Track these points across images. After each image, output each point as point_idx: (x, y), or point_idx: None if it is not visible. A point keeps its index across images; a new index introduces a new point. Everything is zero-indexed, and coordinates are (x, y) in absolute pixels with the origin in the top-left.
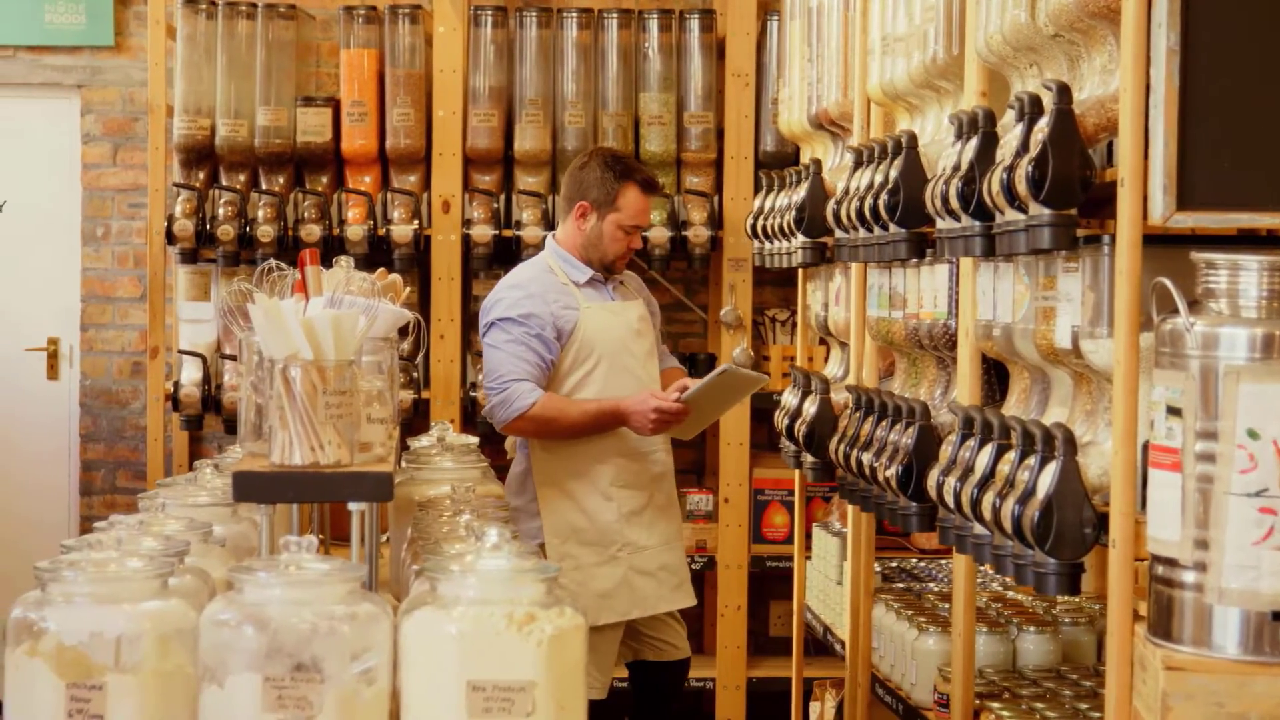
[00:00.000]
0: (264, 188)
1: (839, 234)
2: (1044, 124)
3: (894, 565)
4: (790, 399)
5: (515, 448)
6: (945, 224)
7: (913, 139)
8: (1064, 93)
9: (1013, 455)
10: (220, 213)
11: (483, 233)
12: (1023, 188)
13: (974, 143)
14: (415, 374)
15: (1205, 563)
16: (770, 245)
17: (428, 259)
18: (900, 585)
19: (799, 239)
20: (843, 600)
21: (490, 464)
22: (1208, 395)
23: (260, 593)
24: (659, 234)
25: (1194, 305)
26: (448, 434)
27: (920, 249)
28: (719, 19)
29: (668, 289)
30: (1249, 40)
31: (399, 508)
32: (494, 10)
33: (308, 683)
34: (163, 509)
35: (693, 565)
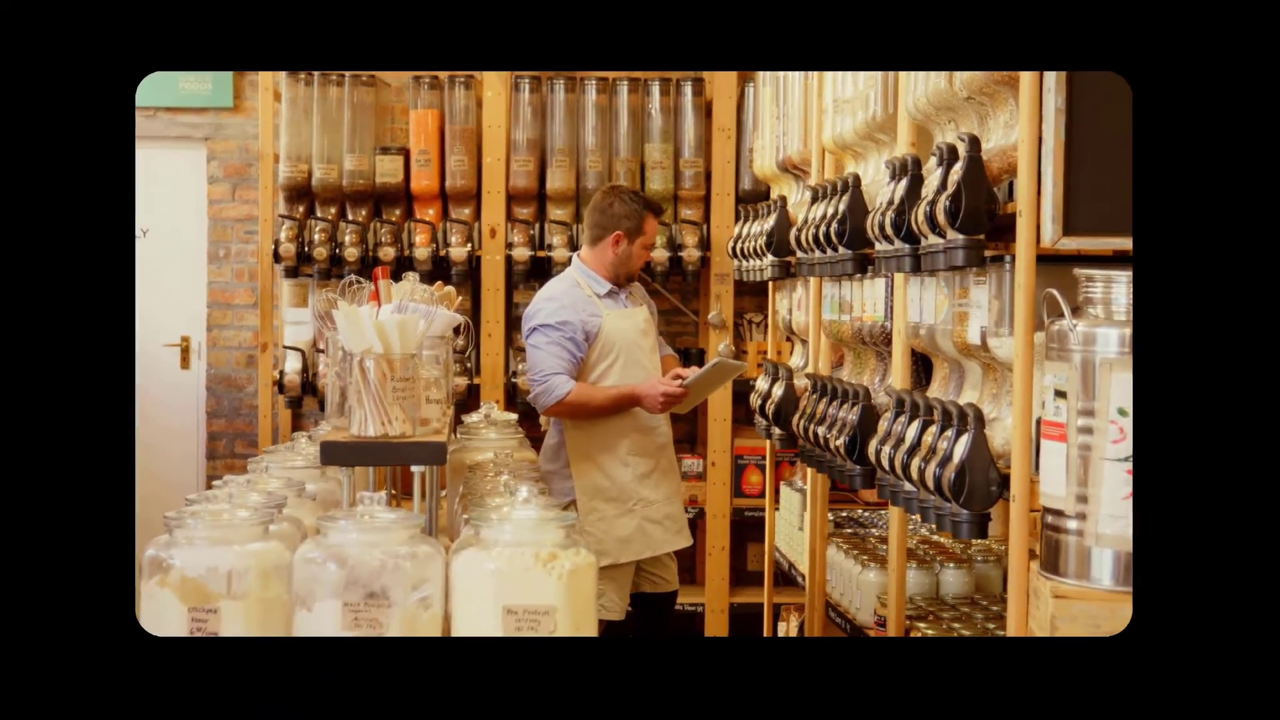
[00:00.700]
0: (350, 218)
1: (800, 254)
2: (959, 168)
3: (844, 515)
4: (762, 384)
5: (550, 424)
6: (883, 247)
7: (857, 180)
8: (974, 143)
9: (934, 429)
10: (315, 238)
11: (521, 253)
12: (942, 218)
13: (904, 183)
14: (469, 364)
15: (1085, 514)
16: (747, 263)
17: (479, 275)
18: (849, 530)
19: (769, 258)
20: (804, 542)
21: (526, 435)
22: (1087, 381)
23: (341, 536)
24: (660, 254)
25: (1076, 310)
26: (493, 412)
27: (863, 266)
28: (708, 85)
29: (667, 297)
30: (1119, 103)
31: (453, 469)
32: (530, 79)
33: (377, 607)
34: (266, 470)
35: (688, 515)
